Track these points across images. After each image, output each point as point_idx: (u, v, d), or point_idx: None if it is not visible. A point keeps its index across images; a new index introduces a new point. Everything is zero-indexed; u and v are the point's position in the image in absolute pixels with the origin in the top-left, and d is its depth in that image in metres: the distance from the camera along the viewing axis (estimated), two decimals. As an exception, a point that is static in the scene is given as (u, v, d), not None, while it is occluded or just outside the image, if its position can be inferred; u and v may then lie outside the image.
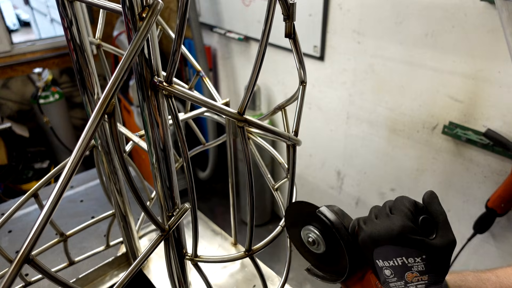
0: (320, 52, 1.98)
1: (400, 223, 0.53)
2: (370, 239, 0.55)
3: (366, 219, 0.59)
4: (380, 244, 0.54)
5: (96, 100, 0.69)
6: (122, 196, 0.85)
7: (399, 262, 0.53)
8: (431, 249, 0.52)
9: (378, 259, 0.55)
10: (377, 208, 0.60)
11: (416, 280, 0.52)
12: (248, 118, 0.49)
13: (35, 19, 4.05)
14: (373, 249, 0.55)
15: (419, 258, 0.52)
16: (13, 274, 0.36)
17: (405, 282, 0.53)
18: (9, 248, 1.08)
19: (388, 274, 0.54)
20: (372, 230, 0.55)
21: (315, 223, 0.61)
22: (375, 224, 0.56)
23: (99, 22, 0.80)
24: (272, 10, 0.46)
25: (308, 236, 0.62)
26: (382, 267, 0.55)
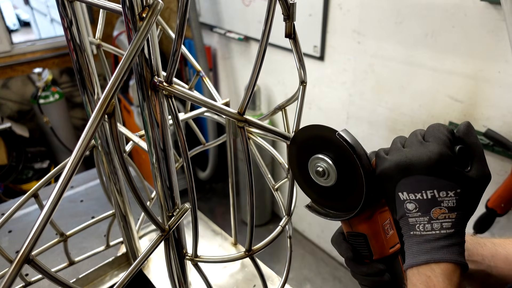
0: (320, 52, 1.98)
1: (438, 150, 0.47)
2: (398, 168, 0.49)
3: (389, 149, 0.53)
4: (410, 173, 0.48)
5: (96, 100, 0.69)
6: (122, 196, 0.85)
7: (429, 196, 0.48)
8: (468, 183, 0.47)
9: (402, 191, 0.49)
10: (403, 138, 0.54)
11: (442, 217, 0.48)
12: (248, 118, 0.50)
13: (35, 19, 4.05)
14: (399, 179, 0.49)
15: (453, 192, 0.47)
16: (13, 274, 0.36)
17: (430, 218, 0.48)
18: (9, 248, 1.08)
19: (410, 208, 0.49)
20: (400, 158, 0.49)
21: (327, 151, 0.54)
22: (404, 152, 0.50)
23: (99, 22, 0.80)
24: (272, 10, 0.46)
25: (318, 165, 0.55)
26: (405, 201, 0.49)
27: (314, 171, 0.56)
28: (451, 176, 0.47)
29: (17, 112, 3.01)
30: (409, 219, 0.49)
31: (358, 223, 0.58)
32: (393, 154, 0.51)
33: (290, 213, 0.69)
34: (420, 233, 0.49)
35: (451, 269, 0.47)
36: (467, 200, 0.48)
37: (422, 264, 0.48)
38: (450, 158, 0.47)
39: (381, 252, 0.59)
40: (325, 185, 0.56)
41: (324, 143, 0.54)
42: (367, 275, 0.59)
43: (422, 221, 0.49)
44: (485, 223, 1.52)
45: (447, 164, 0.47)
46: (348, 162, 0.52)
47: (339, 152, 0.53)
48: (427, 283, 0.47)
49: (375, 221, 0.57)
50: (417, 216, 0.49)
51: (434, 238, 0.48)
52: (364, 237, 0.58)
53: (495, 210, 1.45)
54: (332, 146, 0.53)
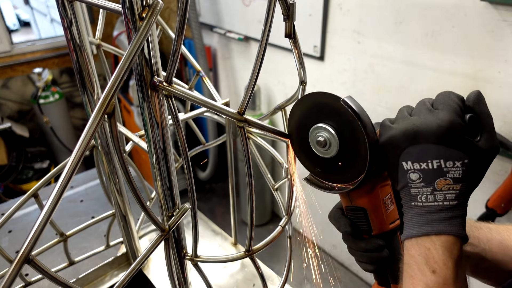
0: (320, 52, 1.98)
1: (449, 118, 0.45)
2: (404, 136, 0.47)
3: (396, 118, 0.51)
4: (417, 141, 0.46)
5: (96, 100, 0.69)
6: (122, 196, 0.85)
7: (435, 166, 0.45)
8: (477, 154, 0.45)
9: (407, 160, 0.47)
10: (410, 107, 0.51)
11: (446, 188, 0.46)
12: (248, 118, 0.50)
13: (35, 19, 4.05)
14: (405, 148, 0.47)
15: (460, 162, 0.45)
16: (13, 274, 0.36)
17: (433, 189, 0.46)
18: (9, 248, 1.08)
19: (414, 178, 0.47)
20: (407, 125, 0.47)
21: (330, 120, 0.52)
22: (412, 120, 0.47)
23: (99, 22, 0.80)
24: (272, 10, 0.46)
25: (319, 135, 0.53)
26: (408, 171, 0.47)
27: (315, 141, 0.54)
28: (460, 146, 0.45)
29: (17, 112, 3.01)
30: (411, 189, 0.48)
31: (358, 197, 0.56)
32: (400, 122, 0.49)
33: (290, 213, 0.69)
34: (421, 204, 0.47)
35: (451, 241, 0.45)
36: (474, 172, 0.46)
37: (422, 236, 0.46)
38: (460, 127, 0.45)
39: (381, 228, 0.57)
40: (326, 156, 0.54)
41: (326, 111, 0.52)
42: (365, 250, 0.58)
43: (424, 192, 0.47)
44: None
45: (457, 133, 0.45)
46: (352, 131, 0.50)
47: (342, 120, 0.50)
48: (426, 255, 0.46)
49: (376, 195, 0.55)
50: (420, 186, 0.47)
51: (436, 210, 0.46)
52: (364, 212, 0.56)
53: (495, 210, 1.45)
54: (335, 114, 0.51)
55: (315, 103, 0.53)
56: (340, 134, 0.51)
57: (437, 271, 0.45)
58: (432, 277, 0.45)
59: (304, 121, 0.55)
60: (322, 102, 0.52)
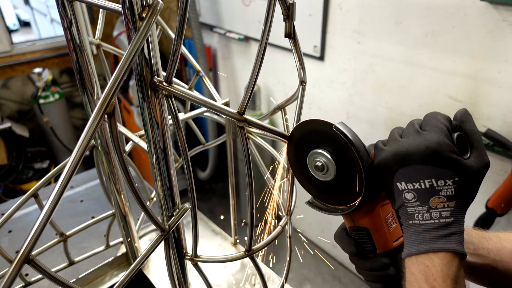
0: (320, 52, 1.98)
1: (436, 139, 0.47)
2: (396, 158, 0.49)
3: (387, 140, 0.53)
4: (408, 163, 0.48)
5: (96, 100, 0.69)
6: (122, 196, 0.85)
7: (427, 185, 0.47)
8: (466, 171, 0.47)
9: (401, 181, 0.49)
10: (401, 128, 0.53)
11: (441, 206, 0.47)
12: (248, 118, 0.50)
13: (35, 19, 4.05)
14: (397, 169, 0.49)
15: (451, 180, 0.46)
16: (13, 274, 0.36)
17: (429, 207, 0.47)
18: (9, 248, 1.08)
19: (409, 198, 0.49)
20: (398, 148, 0.49)
21: (325, 146, 0.54)
22: (402, 142, 0.49)
23: (98, 22, 0.80)
24: (272, 10, 0.46)
25: (316, 160, 0.55)
26: (403, 191, 0.49)
27: (313, 166, 0.56)
28: (449, 165, 0.46)
29: (17, 112, 3.01)
30: (408, 208, 0.49)
31: (360, 217, 0.57)
32: (391, 145, 0.51)
33: (290, 213, 0.69)
34: (419, 222, 0.48)
35: (449, 258, 0.46)
36: (466, 188, 0.47)
37: (421, 253, 0.48)
38: (448, 147, 0.46)
39: (385, 246, 0.58)
40: (324, 179, 0.56)
41: (321, 137, 0.54)
42: (371, 269, 0.59)
43: (420, 211, 0.48)
44: (485, 223, 1.52)
45: (445, 153, 0.46)
46: (347, 155, 0.52)
47: (336, 145, 0.53)
48: (425, 272, 0.47)
49: (377, 214, 0.56)
50: (415, 205, 0.48)
51: (433, 227, 0.47)
52: (367, 231, 0.57)
53: (495, 210, 1.45)
54: (330, 139, 0.53)
55: (310, 130, 0.56)
56: (336, 158, 0.54)
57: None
58: None
59: (302, 148, 0.57)
60: (316, 129, 0.55)
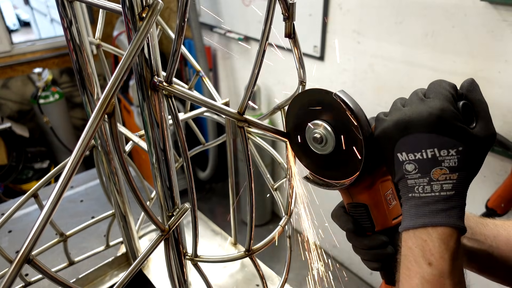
0: (320, 52, 1.98)
1: (439, 106, 0.45)
2: (397, 127, 0.47)
3: (389, 110, 0.50)
4: (409, 131, 0.46)
5: (96, 100, 0.69)
6: (122, 196, 0.85)
7: (429, 155, 0.45)
8: (471, 140, 0.45)
9: (401, 151, 0.47)
10: (404, 98, 0.51)
11: (443, 178, 0.45)
12: (248, 118, 0.50)
13: (35, 19, 4.05)
14: (398, 139, 0.47)
15: (454, 150, 0.44)
16: (13, 274, 0.36)
17: (430, 179, 0.45)
18: (9, 248, 1.08)
19: (410, 169, 0.47)
20: (399, 116, 0.47)
21: (325, 116, 0.52)
22: (404, 110, 0.47)
23: (98, 22, 0.80)
24: (272, 10, 0.46)
25: (315, 132, 0.53)
26: (404, 162, 0.47)
27: (311, 138, 0.54)
28: (453, 133, 0.44)
29: (17, 112, 3.01)
30: (408, 180, 0.47)
31: (359, 193, 0.55)
32: (392, 114, 0.49)
33: (289, 212, 0.69)
34: (419, 195, 0.46)
35: (448, 233, 0.45)
36: (470, 160, 0.45)
37: (419, 227, 0.46)
38: (452, 114, 0.44)
39: (383, 223, 0.57)
40: (323, 152, 0.54)
41: (321, 107, 0.52)
42: (369, 248, 0.57)
43: (421, 183, 0.46)
44: (485, 223, 1.52)
45: (449, 120, 0.44)
46: (346, 125, 0.50)
47: (336, 115, 0.51)
48: (422, 247, 0.46)
49: (376, 190, 0.55)
50: (416, 177, 0.46)
51: (433, 201, 0.45)
52: (365, 207, 0.56)
53: (495, 210, 1.45)
54: (329, 109, 0.51)
55: (309, 100, 0.54)
56: (335, 130, 0.51)
57: (433, 264, 0.45)
58: (428, 270, 0.45)
59: (300, 119, 0.55)
60: (316, 99, 0.53)
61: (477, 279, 0.65)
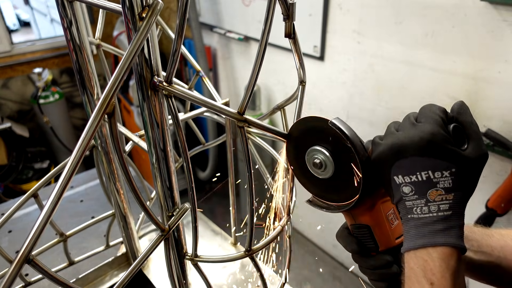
0: (320, 52, 1.98)
1: (430, 130, 0.46)
2: (391, 151, 0.48)
3: (384, 134, 0.53)
4: (403, 155, 0.48)
5: (96, 100, 0.69)
6: (122, 196, 0.85)
7: (423, 177, 0.47)
8: (463, 161, 0.46)
9: (397, 175, 0.49)
10: (397, 122, 0.53)
11: (439, 198, 0.46)
12: (248, 118, 0.50)
13: (35, 19, 4.05)
14: (393, 163, 0.49)
15: (448, 172, 0.46)
16: (13, 274, 0.36)
17: (427, 200, 0.47)
18: (9, 248, 1.08)
19: (407, 191, 0.48)
20: (392, 141, 0.49)
21: (323, 142, 0.54)
22: (397, 135, 0.49)
23: (98, 22, 0.80)
24: (272, 10, 0.46)
25: (314, 158, 0.55)
26: (401, 184, 0.49)
27: (312, 163, 0.56)
28: (444, 155, 0.46)
29: (17, 112, 3.01)
30: (406, 202, 0.49)
31: (361, 214, 0.57)
32: (387, 138, 0.50)
33: (289, 212, 0.69)
34: (417, 216, 0.48)
35: (448, 252, 0.46)
36: (464, 180, 0.47)
37: (419, 248, 0.47)
38: (443, 137, 0.46)
39: (387, 243, 0.58)
40: (323, 177, 0.56)
41: (319, 134, 0.54)
42: (374, 268, 0.58)
43: (419, 204, 0.48)
44: (485, 223, 1.52)
45: (440, 143, 0.46)
46: (344, 151, 0.52)
47: (334, 141, 0.53)
48: (424, 267, 0.46)
49: (378, 211, 0.56)
50: (413, 199, 0.48)
51: (431, 221, 0.47)
52: (368, 228, 0.57)
53: (495, 210, 1.45)
54: (327, 136, 0.53)
55: (308, 127, 0.56)
56: (334, 155, 0.54)
57: (435, 283, 0.45)
58: None
59: (300, 146, 0.57)
60: (314, 126, 0.55)
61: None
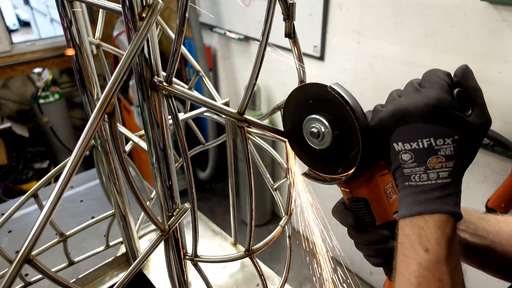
0: (320, 52, 1.98)
1: (436, 95, 0.44)
2: (393, 118, 0.47)
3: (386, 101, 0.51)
4: (405, 122, 0.46)
5: (96, 100, 0.69)
6: (122, 196, 0.85)
7: (425, 144, 0.45)
8: (467, 128, 0.45)
9: (397, 141, 0.47)
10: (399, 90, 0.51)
11: (439, 166, 0.45)
12: (248, 118, 0.49)
13: (35, 19, 4.05)
14: (394, 129, 0.47)
15: (450, 139, 0.45)
16: (13, 274, 0.36)
17: (426, 168, 0.46)
18: (9, 248, 1.08)
19: (406, 159, 0.47)
20: (395, 106, 0.47)
21: (321, 111, 0.52)
22: (399, 100, 0.47)
23: (98, 22, 0.80)
24: (272, 10, 0.46)
25: (312, 127, 0.53)
26: (400, 151, 0.47)
27: (309, 133, 0.54)
28: (449, 122, 0.45)
29: (17, 112, 3.01)
30: (404, 169, 0.47)
31: (358, 187, 0.55)
32: (389, 105, 0.49)
33: (289, 212, 0.69)
34: (415, 183, 0.47)
35: (444, 219, 0.45)
36: (466, 147, 0.46)
37: (416, 215, 0.46)
38: (449, 103, 0.45)
39: (384, 217, 0.56)
40: (320, 147, 0.54)
41: (317, 101, 0.52)
42: (371, 243, 0.57)
43: (417, 171, 0.46)
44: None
45: (445, 110, 0.44)
46: (342, 118, 0.50)
47: (332, 108, 0.50)
48: (419, 234, 0.46)
49: (376, 184, 0.54)
50: (412, 166, 0.47)
51: (429, 189, 0.46)
52: (365, 202, 0.56)
53: (495, 210, 1.45)
54: (325, 103, 0.51)
55: (305, 95, 0.53)
56: (332, 123, 0.51)
57: (430, 250, 0.45)
58: (425, 256, 0.45)
59: (297, 115, 0.55)
60: (311, 93, 0.52)
61: (475, 277, 0.65)
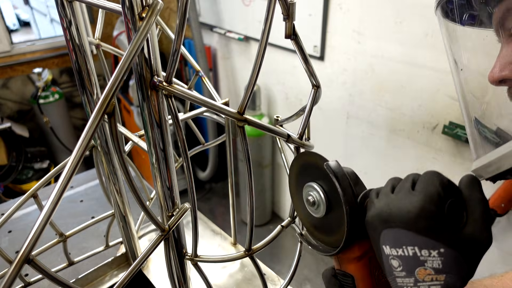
0: (320, 52, 1.98)
1: (420, 204, 0.42)
2: (379, 218, 0.45)
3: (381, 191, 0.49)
4: (390, 225, 0.44)
5: (96, 100, 0.68)
6: (122, 196, 0.85)
7: (410, 253, 0.43)
8: (456, 243, 0.41)
9: (385, 244, 0.45)
10: (397, 180, 0.49)
11: (429, 279, 0.42)
12: (248, 118, 0.49)
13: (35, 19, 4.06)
14: (381, 230, 0.45)
15: (436, 251, 0.41)
16: (13, 274, 0.36)
17: (416, 280, 0.42)
18: (9, 248, 1.07)
19: (395, 265, 0.44)
20: (383, 206, 0.45)
21: (320, 181, 0.52)
22: (389, 200, 0.45)
23: (98, 22, 0.80)
24: (272, 10, 0.46)
25: (309, 194, 0.53)
26: (389, 256, 0.45)
27: (306, 199, 0.55)
28: (432, 234, 0.41)
29: (17, 112, 3.01)
30: (397, 279, 0.44)
31: (347, 262, 0.54)
32: (380, 200, 0.47)
33: (293, 215, 0.69)
34: None
35: None
36: (458, 262, 0.41)
37: None
38: (432, 215, 0.42)
39: None
40: (315, 215, 0.54)
41: (317, 172, 0.52)
42: None
43: (408, 283, 0.43)
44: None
45: (428, 221, 0.42)
46: (336, 195, 0.50)
47: (329, 182, 0.51)
48: None
49: (365, 264, 0.53)
50: (402, 276, 0.44)
51: None
52: (352, 279, 0.54)
53: (495, 210, 1.45)
54: (324, 175, 0.51)
55: (308, 162, 0.55)
56: (328, 196, 0.52)
57: None
58: None
59: (301, 177, 0.56)
60: (314, 163, 0.53)
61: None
